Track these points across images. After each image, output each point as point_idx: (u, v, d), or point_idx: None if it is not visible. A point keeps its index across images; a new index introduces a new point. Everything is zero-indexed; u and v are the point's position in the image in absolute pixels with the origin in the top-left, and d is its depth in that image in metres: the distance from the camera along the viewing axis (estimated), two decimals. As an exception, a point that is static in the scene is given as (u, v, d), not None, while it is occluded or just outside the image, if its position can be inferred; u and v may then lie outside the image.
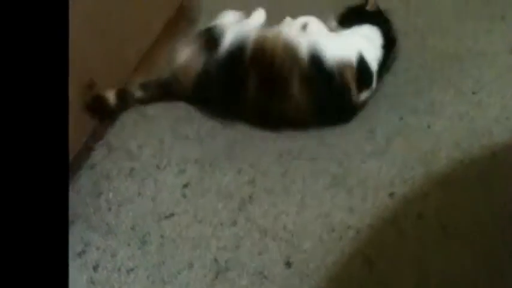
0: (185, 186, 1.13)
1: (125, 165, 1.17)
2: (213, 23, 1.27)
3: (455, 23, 1.42)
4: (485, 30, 1.41)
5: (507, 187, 1.07)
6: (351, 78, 1.15)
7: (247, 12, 1.32)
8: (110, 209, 1.10)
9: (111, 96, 1.25)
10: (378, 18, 1.25)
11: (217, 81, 1.19)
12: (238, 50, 1.17)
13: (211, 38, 1.21)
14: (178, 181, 1.13)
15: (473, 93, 1.26)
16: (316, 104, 1.15)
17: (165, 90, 1.28)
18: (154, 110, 1.29)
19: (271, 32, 1.20)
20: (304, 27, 1.24)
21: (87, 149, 1.22)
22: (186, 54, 1.24)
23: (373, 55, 1.19)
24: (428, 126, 1.19)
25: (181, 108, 1.29)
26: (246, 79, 1.15)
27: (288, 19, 1.30)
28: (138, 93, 1.27)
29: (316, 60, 1.14)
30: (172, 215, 1.08)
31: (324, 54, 1.14)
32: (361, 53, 1.16)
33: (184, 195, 1.11)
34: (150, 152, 1.20)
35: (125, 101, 1.26)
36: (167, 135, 1.23)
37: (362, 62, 1.16)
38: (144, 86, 1.28)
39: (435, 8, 1.36)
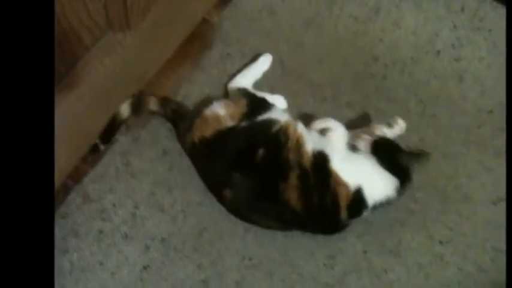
0: (145, 268, 1.19)
1: (95, 225, 1.22)
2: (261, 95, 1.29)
3: (460, 148, 1.39)
4: (484, 168, 1.39)
5: None
6: (344, 197, 1.17)
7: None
8: (70, 273, 1.16)
9: (125, 109, 1.28)
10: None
11: (229, 148, 1.20)
12: (263, 128, 1.21)
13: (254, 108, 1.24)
14: (140, 260, 1.19)
15: (440, 243, 1.29)
16: (306, 202, 1.16)
17: (178, 120, 1.29)
18: (139, 162, 1.29)
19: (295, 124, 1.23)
20: (325, 131, 1.25)
21: (64, 190, 1.24)
22: (218, 107, 1.24)
23: (375, 192, 1.19)
24: (385, 271, 1.25)
25: (166, 163, 1.30)
26: (255, 158, 1.18)
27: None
28: (153, 106, 1.30)
29: (319, 164, 1.18)
30: (125, 300, 1.16)
31: (329, 164, 1.18)
32: (361, 186, 1.17)
33: (141, 279, 1.18)
34: (122, 216, 1.23)
35: (138, 109, 1.29)
36: (143, 201, 1.25)
37: (359, 193, 1.17)
38: (163, 102, 1.30)
39: (442, 131, 1.33)
